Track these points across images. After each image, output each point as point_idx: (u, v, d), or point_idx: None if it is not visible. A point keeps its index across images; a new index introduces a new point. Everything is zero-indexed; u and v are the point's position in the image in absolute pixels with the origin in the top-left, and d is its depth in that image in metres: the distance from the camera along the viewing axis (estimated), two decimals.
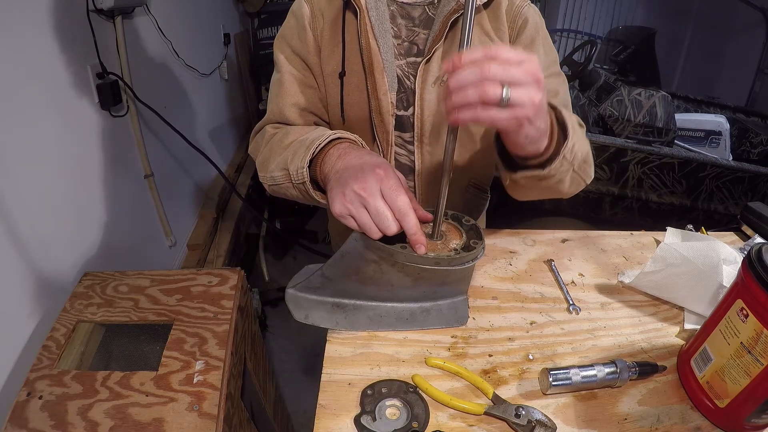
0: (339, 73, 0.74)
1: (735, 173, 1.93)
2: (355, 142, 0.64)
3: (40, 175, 1.03)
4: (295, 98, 0.77)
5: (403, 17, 0.76)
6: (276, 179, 0.66)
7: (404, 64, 0.75)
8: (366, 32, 0.71)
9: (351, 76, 0.74)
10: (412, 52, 0.76)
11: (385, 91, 0.73)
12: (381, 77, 0.72)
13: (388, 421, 0.50)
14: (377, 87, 0.73)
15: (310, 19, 0.75)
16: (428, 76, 0.73)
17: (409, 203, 0.52)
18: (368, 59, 0.72)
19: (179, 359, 0.78)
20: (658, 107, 1.99)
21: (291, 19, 0.78)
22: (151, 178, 1.54)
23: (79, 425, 0.68)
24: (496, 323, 0.65)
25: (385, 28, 0.73)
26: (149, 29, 1.61)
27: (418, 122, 0.75)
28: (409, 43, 0.75)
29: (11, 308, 0.92)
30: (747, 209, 0.90)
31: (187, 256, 1.83)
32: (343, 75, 0.74)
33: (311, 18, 0.75)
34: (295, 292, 0.64)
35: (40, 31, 1.04)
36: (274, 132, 0.75)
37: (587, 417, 0.52)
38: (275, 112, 0.77)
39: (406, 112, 0.77)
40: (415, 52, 0.76)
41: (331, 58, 0.75)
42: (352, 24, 0.73)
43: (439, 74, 0.73)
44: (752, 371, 0.47)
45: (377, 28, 0.72)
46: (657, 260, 0.66)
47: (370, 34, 0.72)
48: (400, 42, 0.75)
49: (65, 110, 1.13)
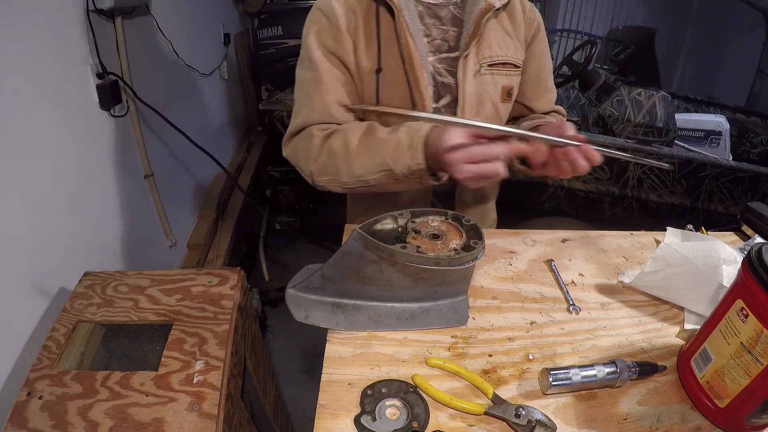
0: (375, 69, 0.79)
1: (735, 173, 1.93)
2: None
3: (39, 174, 1.02)
4: (338, 96, 0.80)
5: (431, 17, 0.81)
6: (368, 181, 0.74)
7: (435, 60, 0.81)
8: (403, 30, 0.76)
9: (387, 72, 0.79)
10: (443, 49, 0.81)
11: (426, 86, 0.79)
12: (421, 72, 0.78)
13: (388, 421, 0.50)
14: (419, 81, 0.78)
15: (344, 18, 0.78)
16: (467, 70, 0.79)
17: None
18: (407, 56, 0.77)
19: (179, 359, 0.78)
20: (658, 107, 1.99)
21: (321, 17, 0.79)
22: (151, 178, 1.54)
23: (79, 425, 0.68)
24: (496, 323, 0.65)
25: (417, 27, 0.78)
26: (149, 29, 1.61)
27: (461, 112, 0.81)
28: (440, 41, 0.81)
29: (11, 308, 0.92)
30: (747, 209, 0.90)
31: (187, 256, 1.83)
32: (380, 71, 0.79)
33: (345, 17, 0.78)
34: (295, 292, 0.64)
35: (40, 31, 1.04)
36: (325, 135, 0.77)
37: (587, 417, 0.52)
38: (319, 111, 0.79)
39: (437, 105, 0.83)
40: (446, 48, 0.81)
41: (367, 54, 0.79)
42: (387, 22, 0.77)
43: (476, 68, 0.80)
44: (752, 371, 0.47)
45: (412, 27, 0.77)
46: (657, 260, 0.66)
47: (407, 32, 0.76)
48: (430, 40, 0.81)
49: (65, 110, 1.13)
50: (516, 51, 0.84)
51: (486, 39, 0.80)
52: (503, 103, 0.85)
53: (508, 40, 0.83)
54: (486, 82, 0.81)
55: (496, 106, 0.84)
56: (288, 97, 2.26)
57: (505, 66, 0.83)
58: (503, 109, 0.86)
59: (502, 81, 0.83)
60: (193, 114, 2.07)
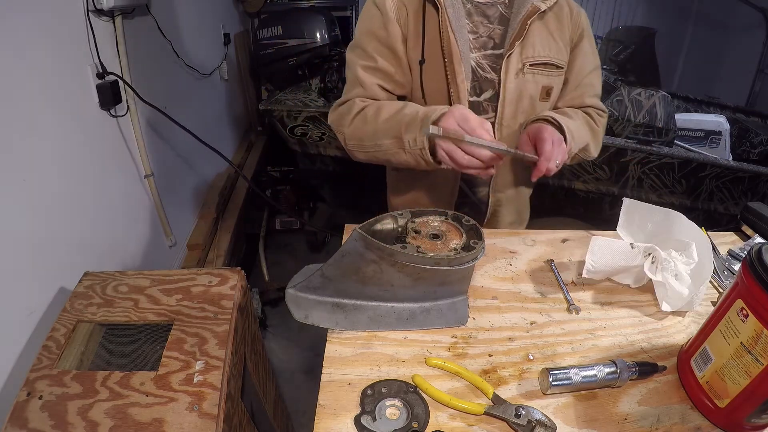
0: (419, 60, 0.85)
1: (735, 173, 1.93)
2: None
3: (39, 174, 1.02)
4: (382, 81, 0.88)
5: (479, 15, 0.86)
6: (382, 146, 0.81)
7: (480, 56, 0.86)
8: (446, 27, 0.82)
9: (431, 64, 0.85)
10: (488, 46, 0.86)
11: (462, 79, 0.83)
12: (459, 67, 0.83)
13: (388, 421, 0.50)
14: (456, 74, 0.83)
15: (395, 11, 0.84)
16: (510, 68, 0.84)
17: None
18: (448, 50, 0.82)
19: (179, 359, 0.78)
20: (658, 107, 1.99)
21: (374, 10, 0.86)
22: (151, 178, 1.54)
23: (79, 425, 0.68)
24: (496, 323, 0.65)
25: (461, 24, 0.83)
26: (149, 29, 1.61)
27: (501, 107, 0.86)
28: (486, 38, 0.86)
29: (11, 308, 0.92)
30: (747, 209, 0.90)
31: (187, 256, 1.82)
32: (423, 62, 0.85)
33: (396, 10, 0.85)
34: (295, 292, 0.64)
35: (39, 31, 1.04)
36: (363, 105, 0.86)
37: (587, 417, 0.52)
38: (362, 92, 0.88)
39: (478, 98, 0.88)
40: (491, 45, 0.86)
41: (415, 47, 0.85)
42: (432, 18, 0.83)
43: (518, 66, 0.84)
44: (752, 371, 0.47)
45: (455, 24, 0.82)
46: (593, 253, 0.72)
47: (449, 28, 0.82)
48: (477, 37, 0.86)
49: (65, 110, 1.13)
50: (559, 52, 0.87)
51: (530, 39, 0.84)
52: (541, 101, 0.89)
53: (552, 41, 0.86)
54: (527, 80, 0.85)
55: (534, 104, 0.88)
56: (288, 97, 2.26)
57: (547, 66, 0.86)
58: (541, 107, 0.89)
59: (542, 80, 0.87)
60: (193, 114, 2.07)
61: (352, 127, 0.86)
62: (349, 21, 3.38)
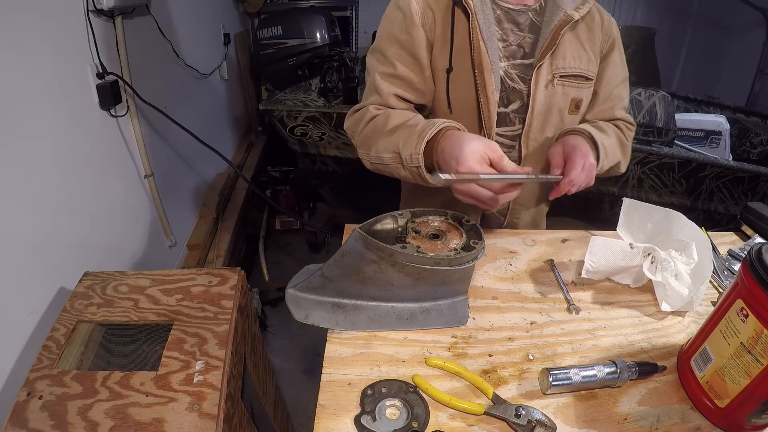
0: (447, 69, 0.80)
1: (735, 173, 1.93)
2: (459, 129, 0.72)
3: (40, 175, 1.02)
4: (399, 90, 0.83)
5: (509, 22, 0.81)
6: (384, 159, 0.77)
7: (509, 66, 0.81)
8: (477, 34, 0.77)
9: (459, 73, 0.80)
10: (518, 55, 0.82)
11: (492, 90, 0.79)
12: (489, 77, 0.78)
13: (388, 421, 0.50)
14: (486, 85, 0.79)
15: (420, 15, 0.79)
16: (540, 79, 0.80)
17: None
18: (478, 59, 0.78)
19: (179, 359, 0.78)
20: (658, 107, 1.99)
21: (397, 13, 0.81)
22: (151, 178, 1.54)
23: (79, 425, 0.68)
24: (496, 323, 0.65)
25: (491, 31, 0.79)
26: (149, 29, 1.61)
27: (529, 119, 0.83)
28: (516, 47, 0.81)
29: (11, 308, 0.92)
30: (747, 209, 0.90)
31: (187, 256, 1.83)
32: (450, 71, 0.80)
33: (421, 14, 0.79)
34: (295, 292, 0.64)
35: (40, 31, 1.04)
36: (376, 113, 0.82)
37: (587, 417, 0.52)
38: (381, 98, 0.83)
39: (505, 109, 0.84)
40: (521, 54, 0.82)
41: (442, 54, 0.80)
42: (461, 24, 0.78)
43: (548, 78, 0.81)
44: (752, 371, 0.47)
45: (485, 31, 0.78)
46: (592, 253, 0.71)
47: (479, 35, 0.77)
48: (506, 45, 0.81)
49: (65, 110, 1.13)
50: (589, 63, 0.83)
51: (561, 50, 0.80)
52: (570, 114, 0.85)
53: (583, 52, 0.83)
54: (557, 92, 0.82)
55: (563, 117, 0.85)
56: (288, 97, 2.26)
57: (577, 78, 0.83)
58: (570, 120, 0.86)
59: (572, 93, 0.83)
60: (193, 114, 2.07)
61: (361, 136, 0.82)
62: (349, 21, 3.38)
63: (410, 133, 0.71)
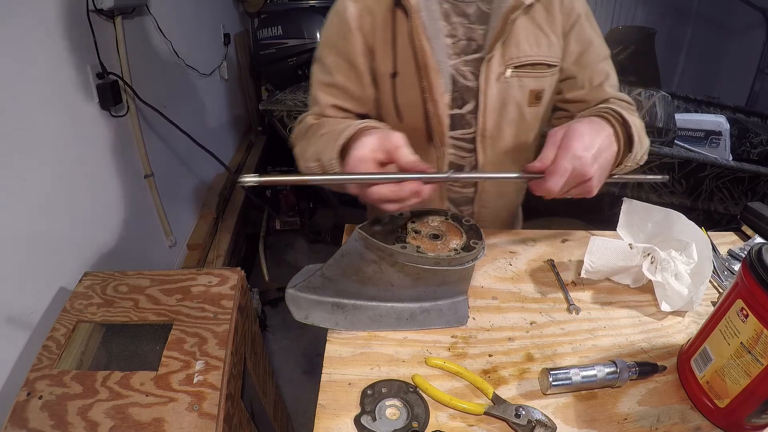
0: (390, 74, 0.76)
1: (735, 173, 1.93)
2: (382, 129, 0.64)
3: (40, 174, 1.03)
4: (337, 100, 0.79)
5: (458, 15, 0.75)
6: (311, 169, 0.69)
7: (460, 63, 0.76)
8: (418, 34, 0.71)
9: (404, 77, 0.75)
10: (469, 50, 0.75)
11: (441, 93, 0.74)
12: (436, 79, 0.73)
13: (388, 421, 0.50)
14: (433, 89, 0.74)
15: (357, 19, 0.74)
16: (490, 73, 0.74)
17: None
18: (422, 61, 0.72)
19: (179, 359, 0.78)
20: (658, 107, 1.99)
21: (335, 19, 0.77)
22: (151, 178, 1.54)
23: (79, 425, 0.68)
24: (496, 323, 0.65)
25: (437, 27, 0.73)
26: (149, 29, 1.61)
27: (482, 118, 0.77)
28: (466, 41, 0.75)
29: (11, 308, 0.92)
30: (747, 209, 0.90)
31: (187, 256, 1.83)
32: (395, 76, 0.75)
33: (358, 18, 0.74)
34: (295, 292, 0.64)
35: (40, 31, 1.04)
36: (312, 122, 0.77)
37: (587, 417, 0.52)
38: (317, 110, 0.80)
39: (460, 110, 0.78)
40: (473, 48, 0.75)
41: (385, 58, 0.76)
42: (403, 24, 0.73)
43: (500, 70, 0.74)
44: (752, 371, 0.47)
45: (430, 29, 0.72)
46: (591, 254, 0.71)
47: (423, 35, 0.71)
48: (455, 41, 0.75)
49: (65, 110, 1.13)
50: (550, 48, 0.76)
51: (515, 37, 0.73)
52: (530, 107, 0.79)
53: (542, 37, 0.75)
54: (512, 85, 0.76)
55: (522, 111, 0.79)
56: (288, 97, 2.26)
57: (536, 67, 0.76)
58: (531, 113, 0.79)
59: (530, 84, 0.77)
60: (193, 114, 2.07)
61: (298, 148, 0.76)
62: None
63: (329, 139, 0.65)
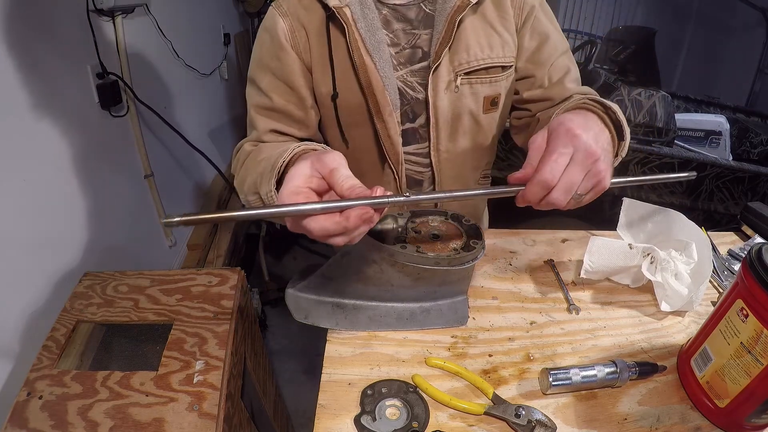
0: (331, 95, 0.68)
1: (735, 173, 1.93)
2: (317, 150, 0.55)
3: (40, 174, 1.02)
4: (272, 124, 0.71)
5: (399, 20, 0.68)
6: (252, 203, 0.58)
7: (406, 73, 0.70)
8: (357, 48, 0.65)
9: (347, 97, 0.69)
10: (415, 58, 0.69)
11: (390, 112, 0.68)
12: (383, 96, 0.67)
13: (388, 421, 0.50)
14: (381, 107, 0.68)
15: (288, 35, 0.67)
16: (439, 83, 0.68)
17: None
18: (365, 78, 0.66)
19: (179, 359, 0.78)
20: (658, 107, 1.99)
21: (265, 37, 0.69)
22: (151, 178, 1.54)
23: (79, 425, 0.68)
24: (496, 323, 0.65)
25: (378, 38, 0.66)
26: (149, 29, 1.61)
27: (434, 132, 0.71)
28: (411, 49, 0.69)
29: (11, 308, 0.92)
30: (747, 209, 0.90)
31: (187, 256, 1.83)
32: (336, 97, 0.68)
33: (290, 35, 0.68)
34: (295, 292, 0.64)
35: (40, 31, 1.04)
36: (250, 150, 0.68)
37: (587, 417, 0.52)
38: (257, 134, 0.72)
39: (412, 124, 0.73)
40: (419, 56, 0.69)
41: (324, 78, 0.68)
42: (340, 39, 0.66)
43: (449, 78, 0.68)
44: (752, 371, 0.47)
45: (369, 41, 0.65)
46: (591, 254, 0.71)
47: (362, 49, 0.65)
48: (399, 50, 0.69)
49: (65, 110, 1.13)
50: (504, 48, 0.70)
51: (463, 41, 0.67)
52: (486, 113, 0.73)
53: (494, 36, 0.69)
54: (463, 94, 0.69)
55: (477, 119, 0.73)
56: None
57: (489, 71, 0.69)
58: (487, 119, 0.74)
59: (484, 90, 0.70)
60: (193, 114, 2.07)
61: (237, 179, 0.66)
62: None
63: (265, 167, 0.54)
